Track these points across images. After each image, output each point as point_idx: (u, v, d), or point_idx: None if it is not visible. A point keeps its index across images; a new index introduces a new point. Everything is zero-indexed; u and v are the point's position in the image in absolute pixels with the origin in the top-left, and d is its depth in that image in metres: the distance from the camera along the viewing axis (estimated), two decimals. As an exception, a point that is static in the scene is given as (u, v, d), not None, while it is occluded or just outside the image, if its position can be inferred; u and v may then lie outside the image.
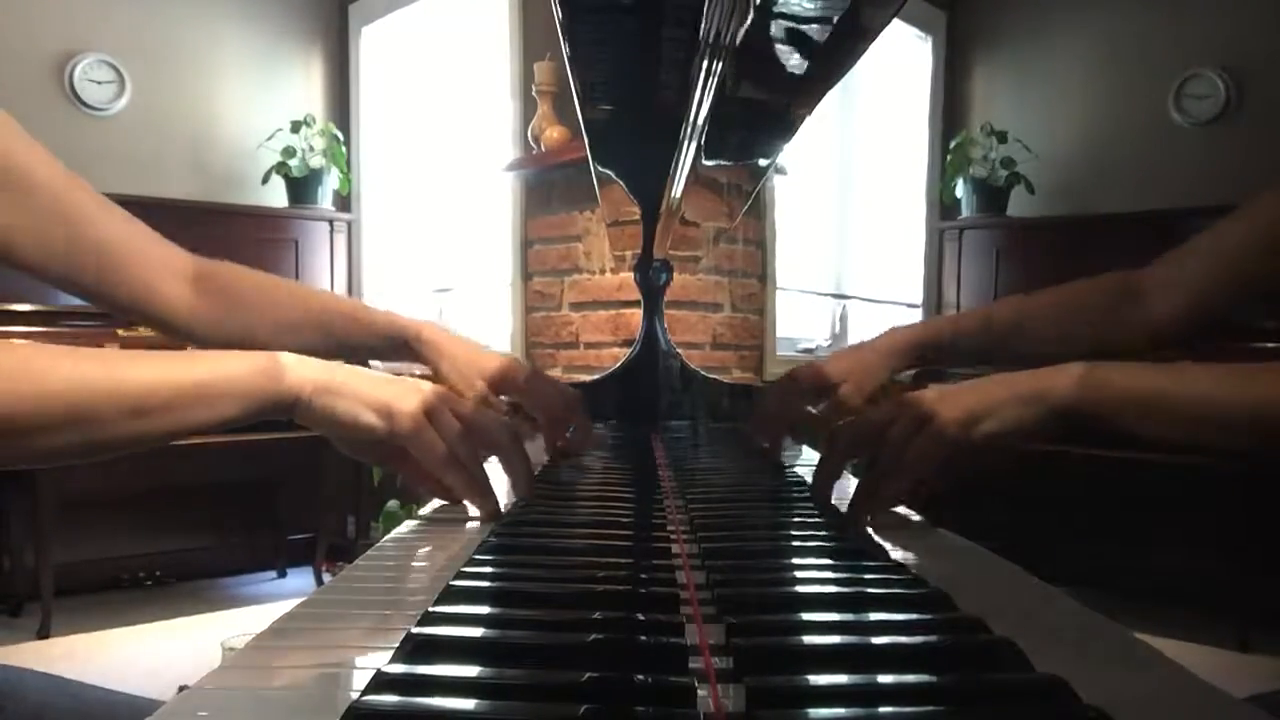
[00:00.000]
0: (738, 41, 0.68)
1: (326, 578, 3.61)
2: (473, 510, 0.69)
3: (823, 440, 0.80)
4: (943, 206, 4.15)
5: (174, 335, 0.92)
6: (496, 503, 0.67)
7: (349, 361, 0.67)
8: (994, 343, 0.95)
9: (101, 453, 0.59)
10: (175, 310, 0.91)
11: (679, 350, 1.27)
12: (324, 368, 0.64)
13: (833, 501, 0.71)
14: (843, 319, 3.96)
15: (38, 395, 0.54)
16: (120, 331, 2.91)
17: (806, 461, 1.01)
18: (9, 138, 0.80)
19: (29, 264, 0.82)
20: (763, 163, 1.20)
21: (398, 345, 0.95)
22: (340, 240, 4.06)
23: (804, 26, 0.71)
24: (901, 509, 0.72)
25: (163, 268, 0.90)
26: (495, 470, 0.71)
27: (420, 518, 0.71)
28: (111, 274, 0.86)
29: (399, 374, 0.70)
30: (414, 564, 0.60)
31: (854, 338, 3.99)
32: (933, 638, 0.39)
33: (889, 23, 0.68)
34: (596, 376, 1.29)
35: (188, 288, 0.92)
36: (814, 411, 1.01)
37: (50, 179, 0.82)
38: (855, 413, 0.91)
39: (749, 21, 0.64)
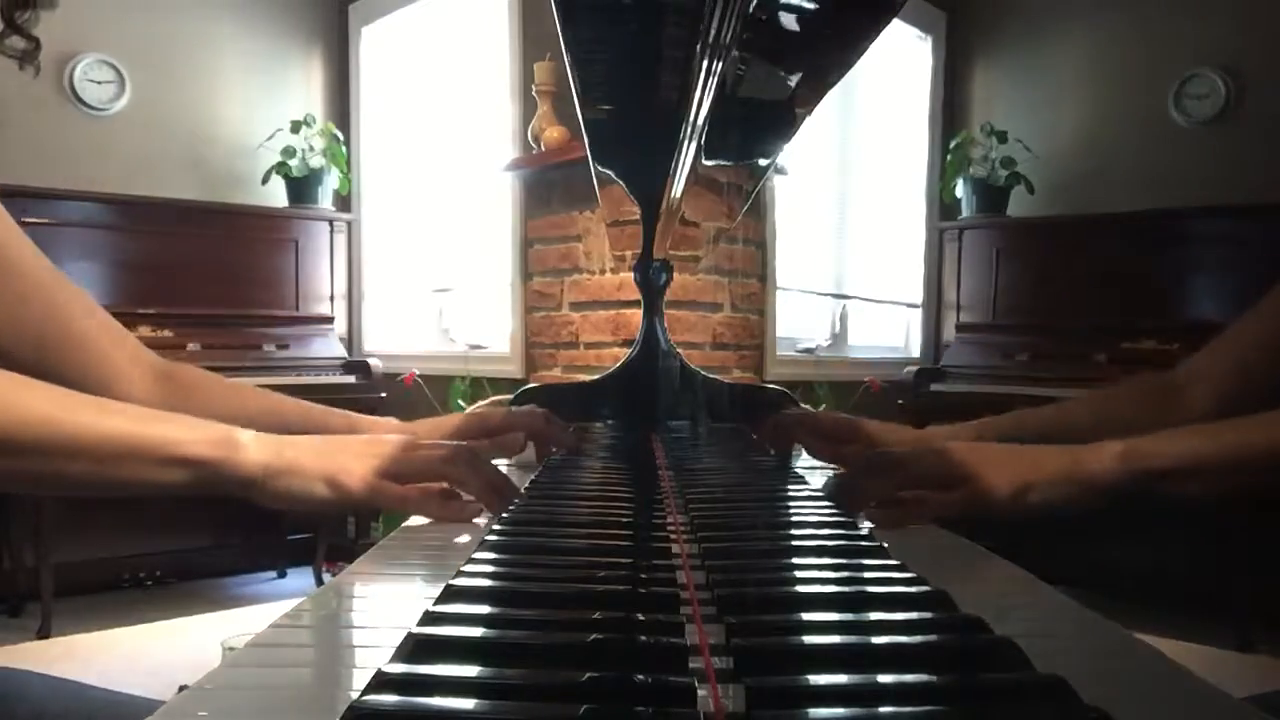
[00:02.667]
0: (738, 41, 0.68)
1: (326, 578, 3.61)
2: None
3: (853, 465, 0.80)
4: (943, 206, 4.15)
5: None
6: (475, 516, 0.69)
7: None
8: None
9: (45, 489, 0.61)
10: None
11: (679, 350, 1.27)
12: (275, 447, 0.65)
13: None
14: (843, 319, 3.96)
15: None
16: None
17: (808, 464, 1.01)
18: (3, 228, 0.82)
19: None
20: (763, 162, 1.20)
21: None
22: (340, 240, 4.06)
23: (804, 26, 0.71)
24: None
25: (130, 364, 0.91)
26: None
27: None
28: (80, 367, 0.87)
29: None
30: (414, 564, 0.60)
31: (854, 338, 3.99)
32: (933, 638, 0.39)
33: (889, 23, 0.68)
34: (596, 376, 1.29)
35: (152, 384, 0.92)
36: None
37: (36, 269, 0.84)
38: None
39: (749, 21, 0.64)
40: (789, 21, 0.69)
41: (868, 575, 0.50)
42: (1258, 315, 0.90)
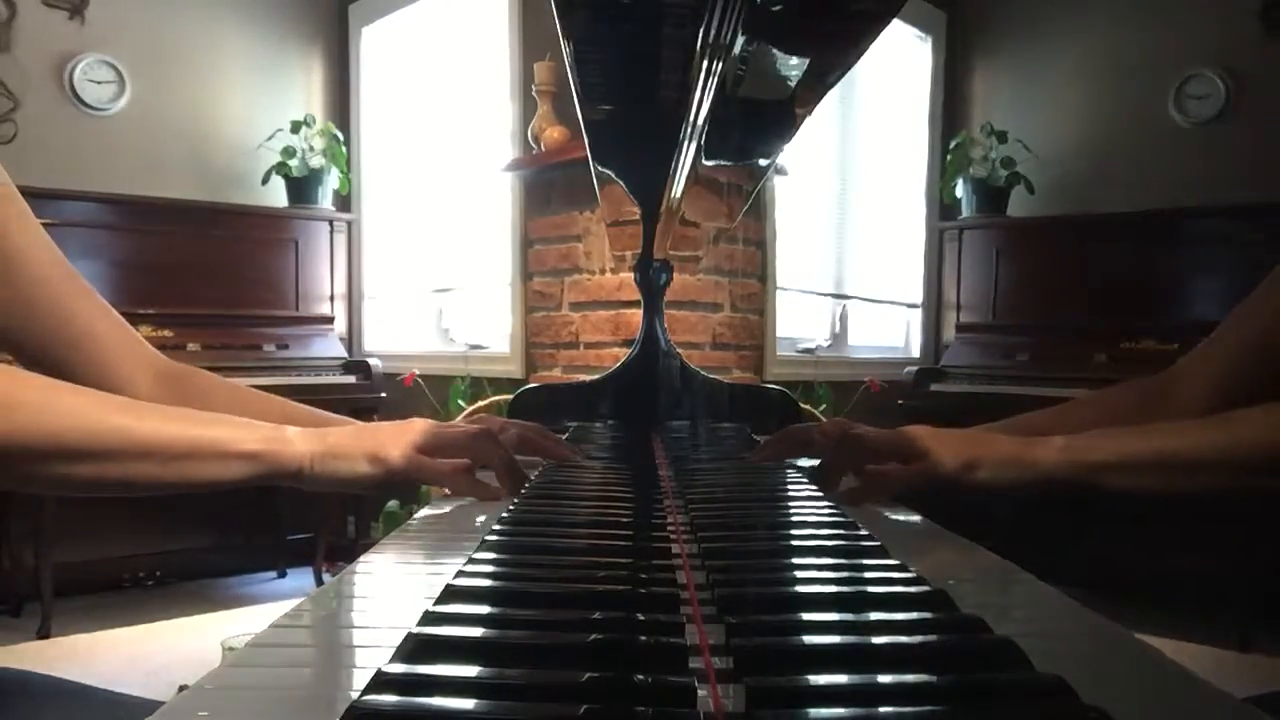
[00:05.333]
0: (738, 41, 0.68)
1: (326, 578, 3.61)
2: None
3: (828, 449, 0.90)
4: (943, 206, 4.15)
5: None
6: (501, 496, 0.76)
7: None
8: None
9: (109, 491, 0.65)
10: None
11: (679, 350, 1.27)
12: (318, 436, 0.69)
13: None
14: (843, 319, 3.96)
15: (63, 429, 0.59)
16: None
17: (807, 461, 1.01)
18: (10, 218, 0.85)
19: (4, 339, 0.86)
20: (763, 163, 1.20)
21: None
22: (340, 240, 4.06)
23: (803, 26, 0.71)
24: (902, 510, 0.73)
25: (135, 362, 0.92)
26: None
27: (419, 518, 0.72)
28: (86, 366, 0.88)
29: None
30: (413, 564, 0.60)
31: (854, 338, 3.99)
32: (933, 638, 0.39)
33: (889, 23, 0.68)
34: (596, 376, 1.29)
35: (156, 385, 0.93)
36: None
37: (44, 264, 0.86)
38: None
39: (748, 21, 0.64)
40: (789, 21, 0.69)
41: (868, 575, 0.50)
42: (1245, 314, 0.90)
